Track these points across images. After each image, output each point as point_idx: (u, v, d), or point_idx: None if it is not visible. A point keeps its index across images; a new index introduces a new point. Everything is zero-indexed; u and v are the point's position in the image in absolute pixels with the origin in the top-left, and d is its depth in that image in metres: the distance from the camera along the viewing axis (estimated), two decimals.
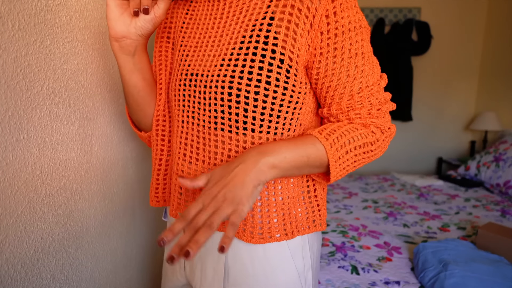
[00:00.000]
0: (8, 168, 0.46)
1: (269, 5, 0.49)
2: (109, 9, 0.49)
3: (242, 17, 0.51)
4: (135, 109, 0.61)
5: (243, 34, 0.50)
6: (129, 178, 0.86)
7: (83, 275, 0.65)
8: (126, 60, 0.54)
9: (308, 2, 0.46)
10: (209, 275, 0.55)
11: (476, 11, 2.84)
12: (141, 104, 0.60)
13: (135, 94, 0.58)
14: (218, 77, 0.49)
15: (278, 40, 0.48)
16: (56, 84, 0.55)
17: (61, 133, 0.57)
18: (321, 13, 0.46)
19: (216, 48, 0.52)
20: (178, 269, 0.62)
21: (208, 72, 0.51)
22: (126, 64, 0.55)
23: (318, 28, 0.47)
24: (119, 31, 0.50)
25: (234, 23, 0.51)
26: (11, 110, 0.46)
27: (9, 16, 0.45)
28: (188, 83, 0.54)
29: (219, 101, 0.50)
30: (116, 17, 0.49)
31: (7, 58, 0.45)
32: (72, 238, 0.61)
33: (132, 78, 0.56)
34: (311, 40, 0.48)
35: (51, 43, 0.54)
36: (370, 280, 0.98)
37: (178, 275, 0.63)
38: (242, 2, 0.52)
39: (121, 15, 0.50)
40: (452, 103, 2.99)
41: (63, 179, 0.58)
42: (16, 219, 0.47)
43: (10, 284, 0.46)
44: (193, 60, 0.54)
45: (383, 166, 3.11)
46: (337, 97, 0.52)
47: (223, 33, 0.52)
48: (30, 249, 0.50)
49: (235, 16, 0.52)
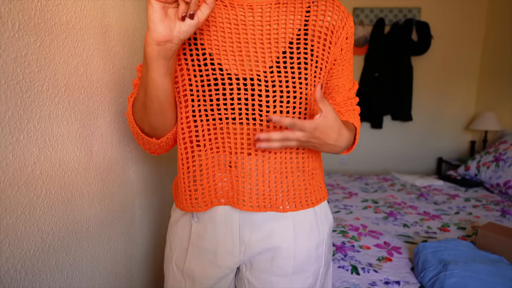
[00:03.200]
0: (8, 168, 0.46)
1: (306, 21, 0.62)
2: (153, 11, 0.48)
3: (281, 28, 0.61)
4: (157, 112, 0.60)
5: (287, 43, 0.61)
6: (129, 178, 0.86)
7: (83, 275, 0.65)
8: (162, 64, 0.53)
9: (336, 25, 0.63)
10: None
11: (476, 11, 2.84)
12: (165, 107, 0.59)
13: (163, 98, 0.58)
14: (273, 81, 0.59)
15: (316, 52, 0.62)
16: (56, 84, 0.55)
17: (61, 133, 0.57)
18: (344, 36, 0.64)
19: (261, 54, 0.60)
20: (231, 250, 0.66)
21: (258, 76, 0.59)
22: (161, 68, 0.54)
23: (340, 45, 0.64)
24: (165, 34, 0.49)
25: (274, 32, 0.60)
26: (11, 110, 0.46)
27: (9, 16, 0.45)
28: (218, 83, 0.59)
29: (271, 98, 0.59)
30: (161, 20, 0.49)
31: (7, 58, 0.45)
32: (72, 238, 0.61)
33: (164, 82, 0.55)
34: (333, 53, 0.64)
35: (51, 43, 0.54)
36: (370, 280, 0.98)
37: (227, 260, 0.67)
38: (277, 15, 0.61)
39: (166, 18, 0.49)
40: (452, 103, 2.99)
41: (63, 179, 0.58)
42: (16, 219, 0.47)
43: (10, 284, 0.46)
44: (228, 61, 0.60)
45: (383, 166, 3.12)
46: (336, 93, 0.70)
47: (263, 41, 0.60)
48: (30, 249, 0.50)
49: (272, 26, 0.61)
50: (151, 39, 0.50)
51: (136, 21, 0.89)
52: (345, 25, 0.63)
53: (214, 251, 0.67)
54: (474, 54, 2.91)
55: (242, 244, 0.66)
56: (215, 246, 0.66)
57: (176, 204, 0.69)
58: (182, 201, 0.66)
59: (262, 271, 0.67)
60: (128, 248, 0.87)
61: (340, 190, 1.99)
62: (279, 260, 0.65)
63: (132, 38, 0.87)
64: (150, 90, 0.56)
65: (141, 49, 0.93)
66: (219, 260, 0.67)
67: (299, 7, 0.62)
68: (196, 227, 0.68)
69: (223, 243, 0.66)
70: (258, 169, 0.62)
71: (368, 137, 3.07)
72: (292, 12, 0.62)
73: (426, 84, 2.96)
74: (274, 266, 0.66)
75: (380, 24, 2.80)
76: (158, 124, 0.62)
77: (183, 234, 0.69)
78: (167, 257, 0.74)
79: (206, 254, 0.67)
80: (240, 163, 0.62)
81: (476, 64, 2.93)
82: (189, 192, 0.65)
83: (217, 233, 0.66)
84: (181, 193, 0.66)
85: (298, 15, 0.62)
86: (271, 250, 0.65)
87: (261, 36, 0.60)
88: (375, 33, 2.81)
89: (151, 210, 1.04)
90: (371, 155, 3.10)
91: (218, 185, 0.64)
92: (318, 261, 0.68)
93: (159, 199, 1.12)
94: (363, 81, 2.90)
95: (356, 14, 2.85)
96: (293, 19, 0.61)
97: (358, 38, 2.83)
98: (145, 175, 0.98)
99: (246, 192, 0.63)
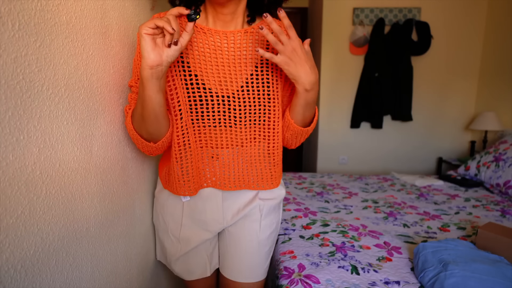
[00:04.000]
0: (8, 168, 0.46)
1: (267, 47, 0.78)
2: (145, 42, 0.60)
3: (249, 53, 0.77)
4: (153, 121, 0.72)
5: (253, 66, 0.78)
6: (129, 178, 0.86)
7: (83, 275, 0.65)
8: (155, 83, 0.65)
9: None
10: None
11: (476, 11, 2.84)
12: (160, 117, 0.72)
13: (158, 109, 0.70)
14: (243, 98, 0.77)
15: (275, 72, 0.80)
16: (56, 84, 0.55)
17: (61, 133, 0.57)
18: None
19: (234, 76, 0.77)
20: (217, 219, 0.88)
21: (233, 94, 0.77)
22: (154, 87, 0.66)
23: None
24: (156, 60, 0.62)
25: (244, 57, 0.77)
26: (11, 110, 0.46)
27: (9, 16, 0.45)
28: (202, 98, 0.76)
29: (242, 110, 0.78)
30: (152, 49, 0.61)
31: (7, 58, 0.45)
32: (72, 238, 0.61)
33: (157, 97, 0.68)
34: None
35: (51, 43, 0.54)
36: (370, 280, 0.98)
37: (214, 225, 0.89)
38: (245, 42, 0.77)
39: (156, 47, 0.61)
40: (452, 103, 3.00)
41: (63, 179, 0.58)
42: (16, 219, 0.47)
43: (10, 284, 0.46)
44: (209, 81, 0.76)
45: (383, 166, 3.12)
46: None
47: (235, 64, 0.76)
48: (30, 249, 0.50)
49: (241, 51, 0.77)
50: (146, 64, 0.62)
51: (136, 21, 0.89)
52: None
53: (204, 220, 0.89)
54: (474, 54, 2.91)
55: (225, 213, 0.88)
56: (204, 216, 0.88)
57: (170, 190, 0.86)
58: (177, 187, 0.83)
59: (238, 225, 0.90)
60: (128, 248, 0.87)
61: (340, 190, 1.99)
62: (252, 212, 0.89)
63: (132, 38, 0.87)
64: (146, 104, 0.68)
65: None
66: (209, 226, 0.89)
67: (262, 35, 0.77)
68: (188, 204, 0.88)
69: (211, 214, 0.88)
70: (234, 160, 0.83)
71: (368, 137, 3.07)
72: (257, 39, 0.77)
73: (426, 84, 2.96)
74: (247, 219, 0.90)
75: (380, 24, 2.80)
76: (154, 130, 0.74)
77: (175, 210, 0.90)
78: (161, 228, 0.94)
79: (198, 223, 0.89)
80: (221, 156, 0.82)
81: (476, 64, 2.93)
82: (182, 181, 0.82)
83: (206, 207, 0.87)
84: (175, 182, 0.83)
85: (262, 42, 0.78)
86: (245, 215, 0.89)
87: (233, 60, 0.76)
88: (375, 33, 2.81)
89: (151, 210, 1.04)
90: (371, 155, 3.10)
91: (205, 174, 0.84)
92: (277, 214, 0.96)
93: None
94: (363, 81, 2.90)
95: (356, 14, 2.85)
96: (256, 46, 0.77)
97: (358, 38, 2.83)
98: (145, 175, 0.98)
99: (226, 177, 0.84)
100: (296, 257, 1.12)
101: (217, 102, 0.76)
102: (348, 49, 2.94)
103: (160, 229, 0.95)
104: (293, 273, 1.02)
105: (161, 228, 0.94)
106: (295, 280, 0.98)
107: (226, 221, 0.89)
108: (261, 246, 0.92)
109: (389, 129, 3.04)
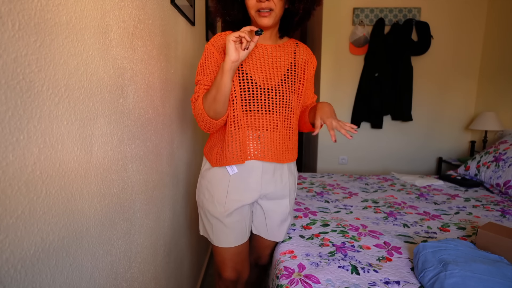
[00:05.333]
0: (8, 168, 0.46)
1: (294, 58, 1.15)
2: (232, 45, 0.91)
3: (282, 60, 1.12)
4: (223, 102, 0.99)
5: (285, 69, 1.11)
6: (129, 178, 0.86)
7: (83, 275, 0.65)
8: (231, 74, 0.95)
9: (308, 61, 1.18)
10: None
11: (476, 11, 2.84)
12: (227, 99, 1.00)
13: (228, 93, 0.98)
14: (280, 90, 1.09)
15: (300, 75, 1.15)
16: (56, 84, 0.55)
17: (61, 133, 0.57)
18: (311, 67, 1.18)
19: (273, 75, 1.09)
20: (255, 186, 1.14)
21: (273, 87, 1.08)
22: (230, 75, 0.95)
23: (309, 72, 1.18)
24: (236, 57, 0.92)
25: (278, 61, 1.11)
26: (11, 110, 0.46)
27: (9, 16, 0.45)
28: (251, 89, 1.06)
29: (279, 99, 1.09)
30: (234, 50, 0.91)
31: (7, 58, 0.45)
32: (72, 238, 0.61)
33: (229, 83, 0.96)
34: (306, 75, 1.17)
35: (51, 43, 0.54)
36: (370, 280, 0.98)
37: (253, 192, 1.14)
38: (279, 53, 1.12)
39: (236, 50, 0.92)
40: (452, 103, 2.99)
41: (63, 179, 0.58)
42: (16, 219, 0.47)
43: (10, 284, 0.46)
44: (257, 77, 1.07)
45: (383, 166, 3.12)
46: (305, 98, 1.21)
47: (273, 67, 1.10)
48: (30, 249, 0.50)
49: (277, 58, 1.11)
50: (229, 59, 0.92)
51: (136, 21, 0.89)
52: (311, 61, 1.18)
53: (246, 189, 1.13)
54: (474, 54, 2.91)
55: (262, 183, 1.14)
56: (247, 185, 1.12)
57: (223, 164, 1.10)
58: (230, 158, 1.08)
59: (269, 197, 1.18)
60: (128, 248, 0.87)
61: (340, 190, 1.99)
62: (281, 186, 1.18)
63: (132, 38, 0.87)
64: (221, 88, 0.96)
65: (141, 49, 0.93)
66: (250, 193, 1.13)
67: (290, 49, 1.14)
68: (234, 175, 1.11)
69: (253, 184, 1.13)
70: (272, 140, 1.11)
71: (368, 137, 3.07)
72: (286, 51, 1.13)
73: (426, 84, 2.96)
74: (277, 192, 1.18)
75: (380, 24, 2.80)
76: (221, 109, 1.01)
77: (222, 182, 1.12)
78: (207, 200, 1.14)
79: (241, 191, 1.13)
80: (263, 136, 1.10)
81: (476, 64, 2.93)
82: (235, 153, 1.09)
83: (249, 177, 1.12)
84: (228, 154, 1.09)
85: (290, 54, 1.14)
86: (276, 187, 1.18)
87: (272, 64, 1.09)
88: (375, 33, 2.81)
89: (151, 210, 1.04)
90: (371, 155, 3.10)
91: (250, 149, 1.10)
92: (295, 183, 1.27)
93: (159, 199, 1.12)
94: (363, 81, 2.90)
95: (356, 14, 2.85)
96: (286, 56, 1.12)
97: (358, 38, 2.83)
98: (145, 175, 0.98)
99: (266, 151, 1.11)
100: (296, 257, 1.12)
101: (261, 92, 1.06)
102: (348, 49, 2.94)
103: (206, 202, 1.14)
104: (293, 273, 1.02)
105: (207, 200, 1.14)
106: (295, 280, 0.98)
107: (263, 190, 1.14)
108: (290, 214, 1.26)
109: (389, 129, 3.04)
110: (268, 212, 1.19)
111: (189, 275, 1.60)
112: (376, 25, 2.82)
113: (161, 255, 1.15)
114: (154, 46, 1.04)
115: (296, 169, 1.28)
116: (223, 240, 1.14)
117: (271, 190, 1.16)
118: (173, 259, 1.31)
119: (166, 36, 1.16)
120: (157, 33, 1.06)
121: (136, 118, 0.91)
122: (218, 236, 1.14)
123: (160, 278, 1.13)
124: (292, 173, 1.22)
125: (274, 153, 1.12)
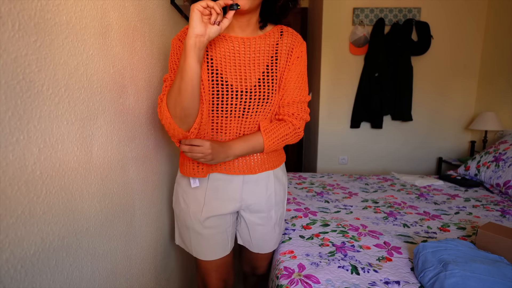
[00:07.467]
0: (8, 168, 0.46)
1: (276, 50, 0.94)
2: (196, 15, 0.72)
3: (262, 55, 0.92)
4: (190, 94, 0.79)
5: (264, 66, 0.92)
6: (129, 178, 0.86)
7: (83, 275, 0.65)
8: (196, 53, 0.75)
9: (293, 48, 0.94)
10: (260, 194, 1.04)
11: (476, 11, 2.84)
12: (195, 89, 0.79)
13: (196, 80, 0.78)
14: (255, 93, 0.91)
15: (281, 70, 0.94)
16: (56, 84, 0.55)
17: (61, 133, 0.57)
18: (296, 55, 0.95)
19: (249, 75, 0.91)
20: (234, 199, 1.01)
21: (249, 89, 0.90)
22: (195, 56, 0.75)
23: (292, 60, 0.94)
24: (201, 30, 0.73)
25: (257, 58, 0.92)
26: (11, 110, 0.46)
27: (9, 16, 0.45)
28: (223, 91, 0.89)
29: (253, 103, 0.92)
30: (199, 21, 0.73)
31: (7, 58, 0.45)
32: (72, 238, 0.61)
33: (196, 67, 0.76)
34: (288, 65, 0.95)
35: (51, 43, 0.54)
36: (370, 280, 0.98)
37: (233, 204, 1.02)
38: (258, 46, 0.92)
39: (202, 22, 0.73)
40: (452, 103, 2.99)
41: (63, 179, 0.58)
42: (16, 219, 0.47)
43: (10, 284, 0.46)
44: (230, 78, 0.90)
45: (383, 166, 3.12)
46: (285, 93, 0.95)
47: (250, 65, 0.91)
48: (30, 249, 0.50)
49: (255, 53, 0.92)
50: (192, 33, 0.73)
51: (136, 21, 0.89)
52: (297, 46, 0.94)
53: (224, 198, 1.00)
54: (474, 54, 2.91)
55: (244, 193, 1.01)
56: (225, 194, 1.00)
57: (183, 172, 0.99)
58: (190, 170, 0.96)
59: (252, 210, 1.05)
60: (128, 248, 0.87)
61: (340, 190, 1.99)
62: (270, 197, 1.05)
63: (132, 38, 0.87)
64: (186, 73, 0.76)
65: (141, 49, 0.93)
66: (229, 203, 1.01)
67: (272, 40, 0.93)
68: (211, 185, 0.99)
69: (232, 192, 1.00)
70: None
71: (368, 137, 3.07)
72: (267, 43, 0.93)
73: (426, 84, 2.96)
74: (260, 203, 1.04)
75: (380, 24, 2.80)
76: (189, 104, 0.80)
77: (198, 192, 0.99)
78: (183, 210, 1.02)
79: (220, 200, 1.00)
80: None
81: (476, 64, 2.93)
82: (195, 164, 0.95)
83: (228, 185, 1.00)
84: (189, 165, 0.96)
85: (271, 46, 0.93)
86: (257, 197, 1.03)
87: (249, 60, 0.91)
88: (375, 33, 2.81)
89: (151, 210, 1.04)
90: (371, 155, 3.10)
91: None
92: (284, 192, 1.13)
93: (159, 199, 1.12)
94: (363, 81, 2.90)
95: (356, 14, 2.85)
96: (267, 50, 0.92)
97: (358, 38, 2.83)
98: (145, 175, 0.98)
99: (232, 163, 0.97)
100: (296, 257, 1.12)
101: (233, 96, 0.89)
102: (348, 49, 2.94)
103: (181, 211, 1.02)
104: (293, 273, 1.02)
105: (183, 210, 1.02)
106: (295, 280, 0.98)
107: (245, 201, 1.02)
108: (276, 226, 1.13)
109: (389, 129, 3.04)
110: (251, 225, 1.07)
111: (189, 275, 1.60)
112: (376, 25, 2.82)
113: (161, 255, 1.15)
114: (154, 46, 1.04)
115: (285, 174, 1.13)
116: (202, 252, 1.04)
117: (254, 201, 1.03)
118: (173, 259, 1.31)
119: (166, 36, 1.16)
120: (157, 33, 1.06)
121: (136, 118, 0.91)
122: (197, 248, 1.04)
123: (160, 278, 1.13)
124: (280, 181, 1.08)
125: (244, 164, 0.98)
